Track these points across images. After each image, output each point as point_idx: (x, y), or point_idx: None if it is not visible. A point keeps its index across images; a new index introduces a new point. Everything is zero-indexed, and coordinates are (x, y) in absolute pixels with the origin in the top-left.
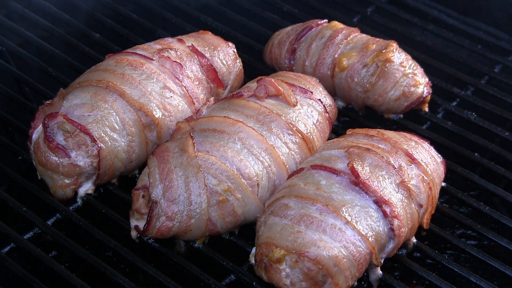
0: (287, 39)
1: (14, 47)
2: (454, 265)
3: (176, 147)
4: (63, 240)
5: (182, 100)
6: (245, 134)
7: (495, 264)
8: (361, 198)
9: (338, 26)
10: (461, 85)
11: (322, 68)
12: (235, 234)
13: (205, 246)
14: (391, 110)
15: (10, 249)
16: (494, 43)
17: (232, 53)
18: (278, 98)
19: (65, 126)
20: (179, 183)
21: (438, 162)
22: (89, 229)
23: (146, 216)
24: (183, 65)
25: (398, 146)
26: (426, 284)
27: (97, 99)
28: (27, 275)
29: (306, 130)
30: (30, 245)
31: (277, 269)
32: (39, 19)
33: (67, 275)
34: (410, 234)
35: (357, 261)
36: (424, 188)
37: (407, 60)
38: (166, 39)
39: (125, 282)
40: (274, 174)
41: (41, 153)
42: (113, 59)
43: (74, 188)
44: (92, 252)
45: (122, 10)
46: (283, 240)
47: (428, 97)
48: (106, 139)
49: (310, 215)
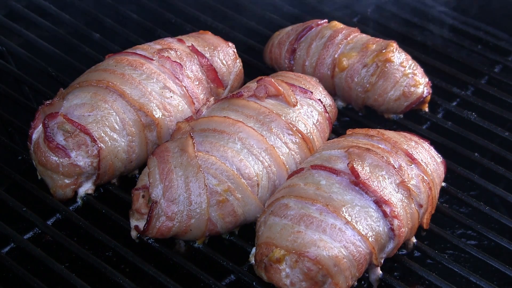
0: (287, 39)
1: (14, 47)
2: (454, 265)
3: (176, 147)
4: (63, 240)
5: (182, 100)
6: (245, 134)
7: (495, 264)
8: (361, 198)
9: (338, 26)
10: (461, 85)
11: (322, 68)
12: (235, 234)
13: (205, 246)
14: (391, 110)
15: (10, 249)
16: (494, 43)
17: (232, 53)
18: (278, 98)
19: (65, 126)
20: (179, 183)
21: (438, 162)
22: (89, 229)
23: (146, 216)
24: (183, 65)
25: (398, 146)
26: (426, 284)
27: (97, 99)
28: (27, 275)
29: (306, 130)
30: (30, 245)
31: (277, 269)
32: (39, 19)
33: (67, 275)
34: (410, 234)
35: (357, 261)
36: (424, 188)
37: (407, 60)
38: (166, 39)
39: (125, 282)
40: (274, 174)
41: (41, 153)
42: (113, 59)
43: (74, 188)
44: (92, 252)
45: (122, 10)
46: (283, 240)
47: (428, 97)
48: (106, 139)
49: (310, 215)
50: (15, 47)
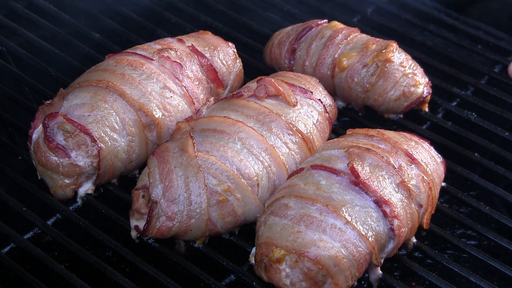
0: (287, 39)
1: (14, 47)
2: (454, 265)
3: (176, 147)
4: (63, 240)
5: (182, 100)
6: (245, 134)
7: (495, 264)
8: (361, 198)
9: (338, 26)
10: (461, 85)
11: (322, 68)
12: (235, 234)
13: (205, 246)
14: (391, 110)
15: (10, 249)
16: (494, 43)
17: (232, 53)
18: (278, 98)
19: (65, 126)
20: (179, 183)
21: (438, 162)
22: (89, 229)
23: (146, 216)
24: (183, 65)
25: (398, 146)
26: (426, 284)
27: (97, 99)
28: (27, 275)
29: (306, 130)
30: (30, 245)
31: (277, 269)
32: (39, 19)
33: (67, 275)
34: (410, 234)
35: (357, 261)
36: (424, 188)
37: (407, 60)
38: (166, 39)
39: (125, 282)
40: (274, 174)
41: (41, 153)
42: (113, 59)
43: (74, 188)
44: (92, 252)
45: (122, 10)
46: (283, 240)
47: (428, 97)
48: (106, 139)
49: (310, 215)
50: (15, 47)
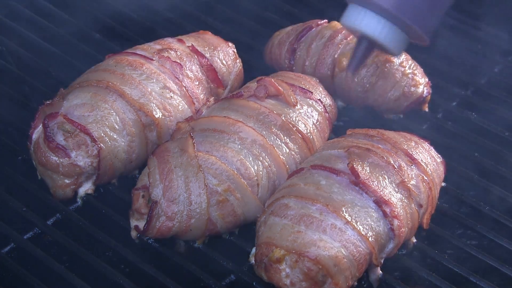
0: (287, 39)
1: (14, 47)
2: (454, 265)
3: (176, 147)
4: (63, 240)
5: (182, 100)
6: (245, 134)
7: (495, 264)
8: (361, 198)
9: (338, 26)
10: (461, 85)
11: (322, 68)
12: (235, 234)
13: (205, 246)
14: (391, 110)
15: (10, 249)
16: (494, 43)
17: (232, 53)
18: (278, 98)
19: (65, 126)
20: (179, 183)
21: (438, 162)
22: (89, 229)
23: (146, 216)
24: (183, 65)
25: (398, 146)
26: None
27: (97, 99)
28: (27, 275)
29: (306, 130)
30: (30, 245)
31: (277, 269)
32: (39, 19)
33: (67, 275)
34: (410, 234)
35: (357, 261)
36: (424, 188)
37: (407, 60)
38: (166, 39)
39: (125, 282)
40: (274, 174)
41: (41, 153)
42: (113, 59)
43: (74, 188)
44: (92, 252)
45: (122, 10)
46: (283, 240)
47: (428, 97)
48: (106, 139)
49: (310, 215)
50: (15, 47)
